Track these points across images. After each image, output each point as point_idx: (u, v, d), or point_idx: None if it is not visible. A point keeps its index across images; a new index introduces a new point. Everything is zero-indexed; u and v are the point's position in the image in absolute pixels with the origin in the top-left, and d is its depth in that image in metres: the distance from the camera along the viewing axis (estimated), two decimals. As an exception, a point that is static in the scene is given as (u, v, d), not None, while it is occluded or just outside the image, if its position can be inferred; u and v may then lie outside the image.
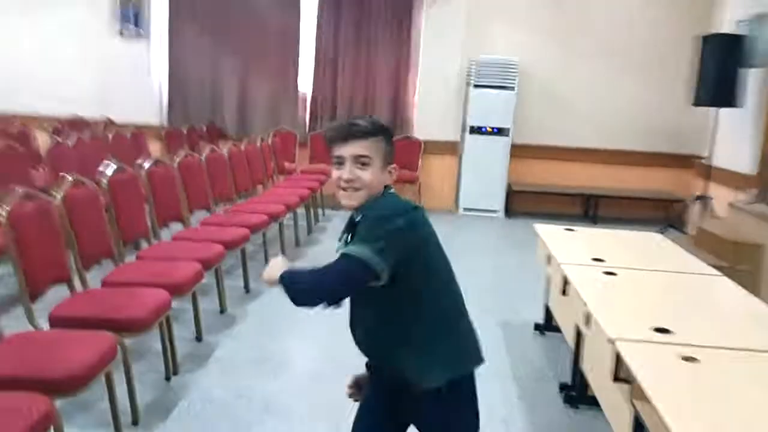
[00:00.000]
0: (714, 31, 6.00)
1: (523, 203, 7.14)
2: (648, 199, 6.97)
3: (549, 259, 3.19)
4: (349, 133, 1.50)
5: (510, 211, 7.12)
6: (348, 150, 1.49)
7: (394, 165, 1.56)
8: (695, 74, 5.64)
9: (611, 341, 1.97)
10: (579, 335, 2.65)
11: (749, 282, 4.15)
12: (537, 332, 3.67)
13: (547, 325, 3.63)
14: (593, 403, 2.54)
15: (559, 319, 3.21)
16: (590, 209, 7.04)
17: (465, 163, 7.05)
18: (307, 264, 5.11)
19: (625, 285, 2.59)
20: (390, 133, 1.56)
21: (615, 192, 7.01)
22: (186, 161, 4.11)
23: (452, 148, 7.16)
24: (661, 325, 2.07)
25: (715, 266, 4.01)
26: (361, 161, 1.48)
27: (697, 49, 5.68)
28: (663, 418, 1.49)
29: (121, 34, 7.24)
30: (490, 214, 7.05)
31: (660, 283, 2.65)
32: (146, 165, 3.60)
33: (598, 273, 2.70)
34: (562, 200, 7.11)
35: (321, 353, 3.29)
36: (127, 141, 5.70)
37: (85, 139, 4.95)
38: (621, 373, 1.98)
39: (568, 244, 3.23)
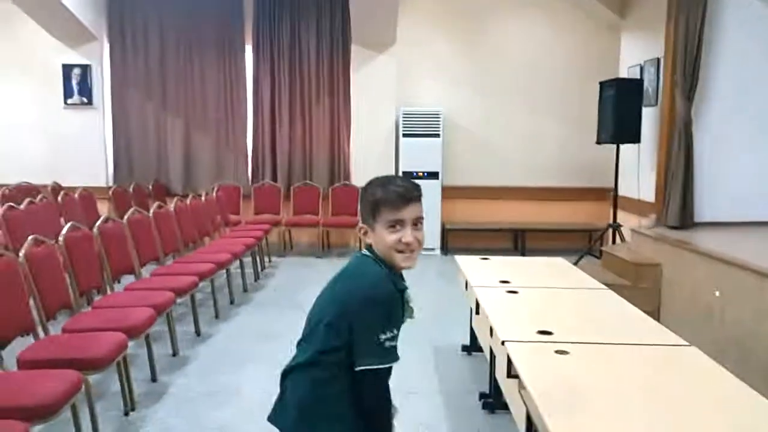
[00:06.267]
0: (614, 76, 6.77)
1: (457, 240, 7.65)
2: (569, 231, 7.59)
3: (466, 284, 3.63)
4: (412, 196, 1.49)
5: (446, 248, 7.61)
6: (408, 213, 1.49)
7: None
8: (598, 115, 6.35)
9: (503, 343, 2.39)
10: (491, 348, 3.07)
11: (650, 297, 4.74)
12: (464, 353, 4.09)
13: (473, 346, 4.05)
14: (507, 407, 2.94)
15: (479, 337, 3.63)
16: (518, 243, 7.62)
17: (402, 206, 7.55)
18: (255, 308, 5.45)
19: (523, 300, 3.04)
20: None
21: (540, 225, 7.61)
22: (134, 218, 4.41)
23: (389, 193, 7.65)
24: (545, 329, 2.52)
25: (619, 285, 4.57)
26: (418, 222, 1.52)
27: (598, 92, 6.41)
28: (532, 396, 1.91)
29: (66, 103, 7.56)
30: (428, 252, 7.51)
31: (552, 297, 3.11)
32: (98, 223, 3.90)
33: (502, 292, 3.15)
34: (493, 236, 7.66)
35: (269, 385, 3.58)
36: (77, 202, 5.94)
37: (36, 202, 5.18)
38: (512, 371, 2.40)
39: (481, 271, 3.69)
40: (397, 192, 1.49)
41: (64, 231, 3.43)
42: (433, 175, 7.41)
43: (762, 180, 5.30)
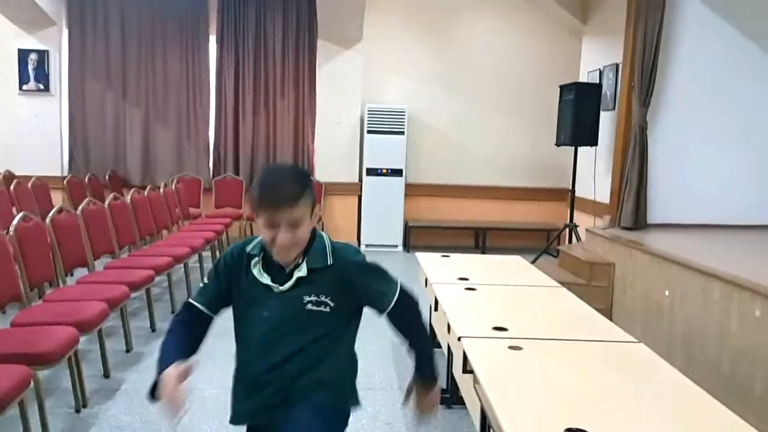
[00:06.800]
0: (575, 79, 6.91)
1: (420, 238, 7.71)
2: (529, 230, 7.73)
3: (426, 281, 3.67)
4: (281, 200, 1.46)
5: (408, 245, 7.66)
6: (280, 218, 1.46)
7: (318, 205, 1.61)
8: (557, 118, 6.48)
9: (459, 339, 2.43)
10: (449, 344, 3.11)
11: (603, 295, 4.86)
12: (423, 349, 4.12)
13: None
14: (464, 402, 2.98)
15: (437, 333, 3.67)
16: (480, 241, 7.72)
17: (365, 202, 7.57)
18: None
19: (481, 297, 3.09)
20: (311, 181, 1.58)
21: (501, 224, 7.73)
22: (89, 208, 4.30)
23: (352, 189, 7.66)
24: (500, 325, 2.57)
25: (574, 283, 4.68)
26: (295, 224, 1.48)
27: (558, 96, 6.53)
28: (485, 391, 1.95)
29: (21, 89, 7.32)
30: (390, 248, 7.56)
31: (509, 294, 3.17)
32: (51, 213, 3.79)
33: (460, 289, 3.20)
34: (455, 234, 7.75)
35: (224, 382, 3.56)
36: (30, 192, 5.76)
37: (-15, 191, 5.01)
38: (468, 366, 2.44)
39: (441, 268, 3.73)
40: (271, 199, 1.48)
41: (15, 221, 3.32)
42: (397, 173, 7.45)
43: (713, 184, 5.49)
